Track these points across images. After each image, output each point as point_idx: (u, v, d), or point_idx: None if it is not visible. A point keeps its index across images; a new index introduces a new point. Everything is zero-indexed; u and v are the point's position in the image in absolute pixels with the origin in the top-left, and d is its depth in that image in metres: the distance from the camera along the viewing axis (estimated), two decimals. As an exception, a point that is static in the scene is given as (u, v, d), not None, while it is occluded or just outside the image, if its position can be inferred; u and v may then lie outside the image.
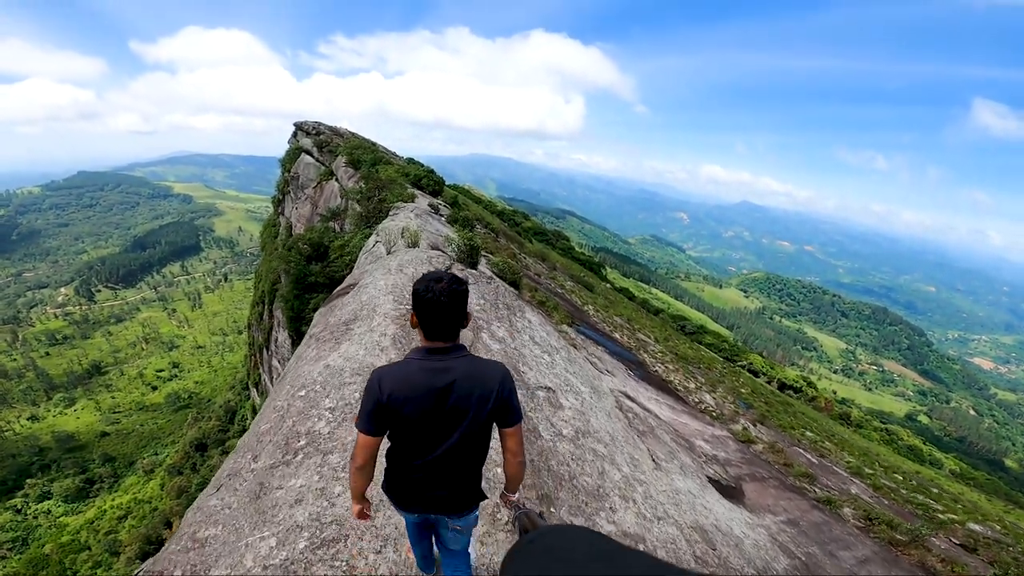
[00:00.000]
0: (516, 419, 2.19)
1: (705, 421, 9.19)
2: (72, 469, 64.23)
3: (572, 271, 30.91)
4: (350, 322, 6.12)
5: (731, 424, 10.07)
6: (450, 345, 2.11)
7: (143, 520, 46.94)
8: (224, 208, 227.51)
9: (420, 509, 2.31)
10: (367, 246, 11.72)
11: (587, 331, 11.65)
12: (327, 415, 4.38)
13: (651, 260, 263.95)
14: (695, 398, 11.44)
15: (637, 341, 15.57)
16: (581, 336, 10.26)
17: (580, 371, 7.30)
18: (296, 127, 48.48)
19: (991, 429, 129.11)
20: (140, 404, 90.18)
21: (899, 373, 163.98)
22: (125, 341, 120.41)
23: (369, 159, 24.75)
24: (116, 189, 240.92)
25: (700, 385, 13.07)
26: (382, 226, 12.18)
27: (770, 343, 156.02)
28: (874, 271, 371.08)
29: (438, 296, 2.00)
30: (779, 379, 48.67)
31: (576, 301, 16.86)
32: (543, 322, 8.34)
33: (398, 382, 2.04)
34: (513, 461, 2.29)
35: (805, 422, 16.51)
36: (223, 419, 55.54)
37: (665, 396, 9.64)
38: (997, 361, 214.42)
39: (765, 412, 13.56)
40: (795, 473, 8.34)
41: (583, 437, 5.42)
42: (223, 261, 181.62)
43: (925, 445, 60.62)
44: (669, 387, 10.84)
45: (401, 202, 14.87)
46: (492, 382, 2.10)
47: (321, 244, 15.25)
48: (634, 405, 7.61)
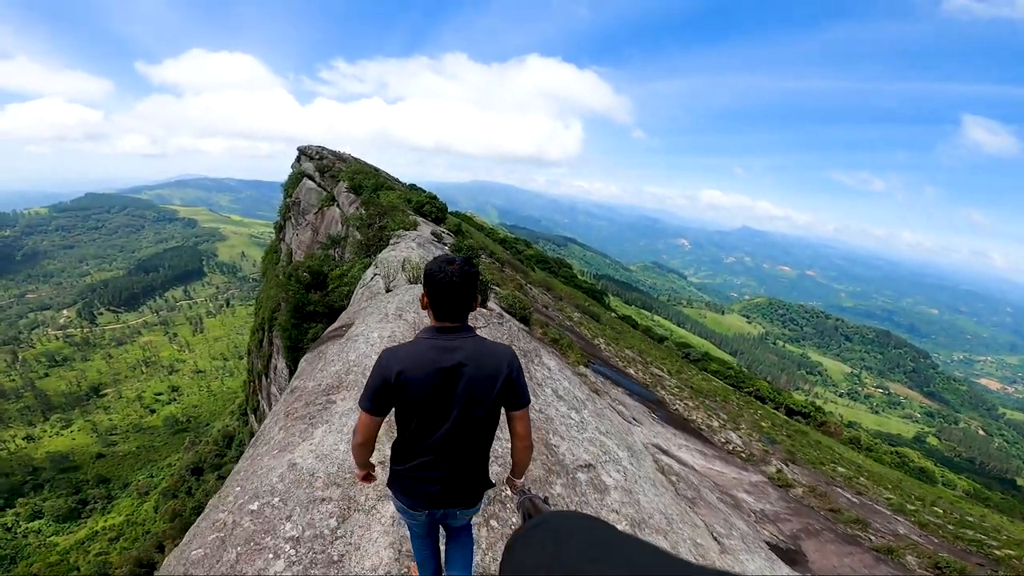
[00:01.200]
0: (524, 401, 2.19)
1: (738, 465, 8.71)
2: (65, 489, 64.12)
3: (577, 300, 30.61)
4: (332, 390, 4.98)
5: (763, 465, 9.59)
6: (459, 325, 2.12)
7: (135, 543, 46.57)
8: (228, 233, 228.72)
9: (436, 503, 2.25)
10: (364, 279, 11.21)
11: (603, 369, 11.25)
12: (288, 550, 3.02)
13: (653, 287, 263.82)
14: (720, 437, 10.98)
15: (652, 376, 15.15)
16: (600, 377, 9.82)
17: (612, 427, 6.72)
18: (300, 151, 48.87)
19: (1001, 449, 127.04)
20: (137, 427, 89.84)
21: (905, 395, 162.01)
22: (125, 364, 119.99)
23: (371, 184, 24.66)
24: (123, 212, 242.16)
25: (723, 423, 12.61)
26: (381, 257, 11.76)
27: (774, 368, 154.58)
28: (876, 294, 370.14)
29: (450, 277, 2.01)
30: (787, 405, 47.85)
31: (586, 334, 16.51)
32: (562, 366, 7.86)
33: (407, 361, 2.03)
34: (520, 446, 2.29)
35: (833, 456, 15.94)
36: (220, 444, 54.96)
37: (693, 439, 9.18)
38: (1004, 381, 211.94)
39: (790, 447, 13.04)
40: (844, 520, 7.81)
41: (639, 528, 4.64)
42: (225, 286, 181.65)
43: (937, 467, 59.29)
44: (693, 427, 10.39)
45: (403, 230, 14.61)
46: (500, 362, 2.11)
47: (321, 272, 14.98)
48: (671, 461, 7.07)
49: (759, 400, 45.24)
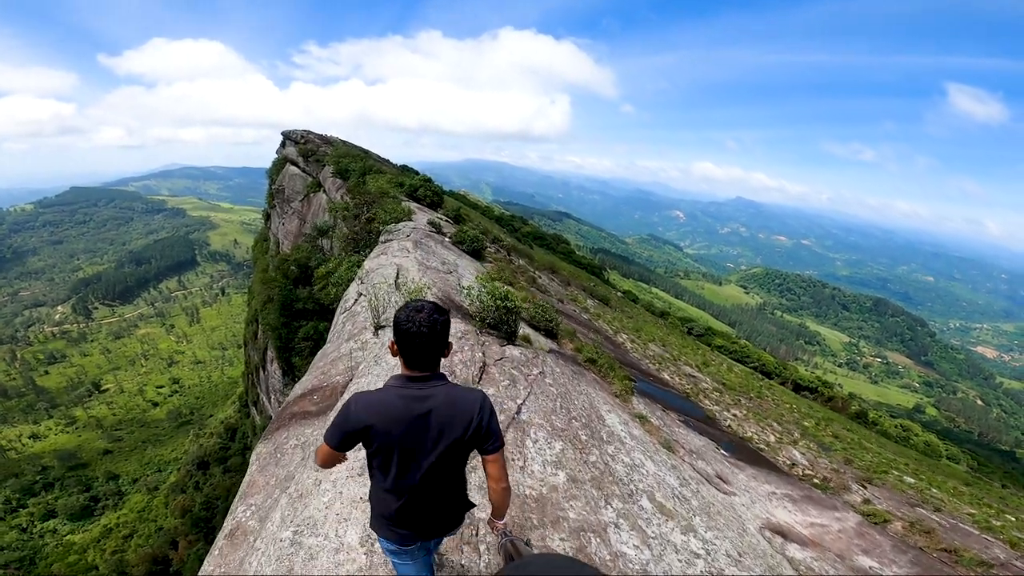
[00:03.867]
0: (497, 445, 2.20)
1: (827, 505, 7.60)
2: (76, 487, 64.91)
3: (581, 280, 29.47)
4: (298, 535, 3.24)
5: (844, 493, 8.54)
6: (429, 374, 2.12)
7: (148, 539, 47.15)
8: (218, 221, 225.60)
9: (414, 536, 2.29)
10: (347, 299, 9.17)
11: (648, 388, 10.06)
12: None
13: (650, 259, 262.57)
14: (784, 458, 9.90)
15: (686, 377, 14.05)
16: (653, 407, 8.50)
17: (724, 530, 4.79)
18: (284, 136, 46.91)
19: (999, 419, 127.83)
20: (142, 421, 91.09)
21: (904, 365, 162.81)
22: (124, 358, 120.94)
23: (358, 168, 22.84)
24: (109, 204, 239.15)
25: (779, 437, 11.50)
26: (369, 267, 9.75)
27: (773, 339, 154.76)
28: (871, 263, 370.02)
29: (419, 327, 2.01)
30: (793, 380, 47.28)
31: (606, 329, 15.33)
32: (627, 422, 6.27)
33: (375, 410, 2.05)
34: (497, 488, 2.28)
35: (889, 459, 14.86)
36: (224, 436, 55.11)
37: (774, 478, 7.95)
38: (1000, 349, 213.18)
39: (846, 454, 11.96)
40: (967, 561, 6.68)
41: None
42: (220, 275, 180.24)
43: (941, 441, 59.17)
44: (762, 454, 9.26)
45: (394, 222, 12.96)
46: (471, 408, 2.12)
47: (308, 266, 13.77)
48: (793, 551, 5.61)
49: (765, 375, 44.60)
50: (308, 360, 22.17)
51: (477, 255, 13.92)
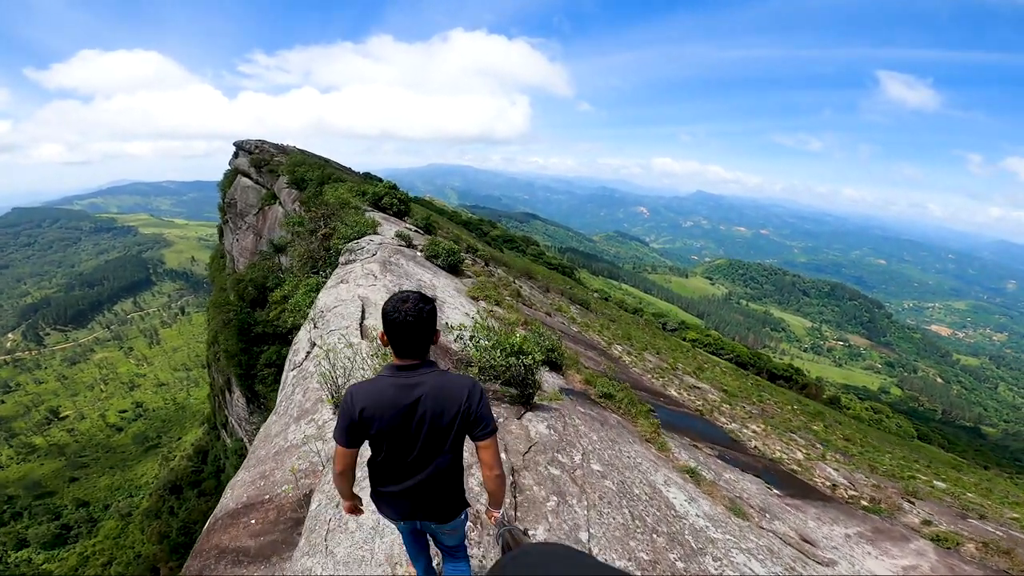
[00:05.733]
0: (488, 431, 2.21)
1: (897, 536, 6.82)
2: (45, 516, 63.96)
3: (557, 283, 28.69)
4: None
5: (900, 515, 7.82)
6: (419, 362, 2.18)
7: (128, 567, 46.59)
8: (173, 238, 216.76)
9: (407, 516, 2.38)
10: (295, 351, 7.21)
11: (667, 415, 9.08)
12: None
13: (617, 256, 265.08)
14: (820, 478, 9.12)
15: (690, 389, 13.24)
16: (696, 453, 7.42)
17: None
18: (237, 147, 44.53)
19: (960, 395, 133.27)
20: (106, 447, 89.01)
21: (865, 346, 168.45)
22: (82, 384, 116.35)
23: (316, 177, 21.16)
24: (55, 225, 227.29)
25: (806, 453, 10.77)
26: (323, 303, 7.79)
27: (740, 328, 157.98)
28: (827, 249, 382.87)
29: (405, 316, 2.06)
30: (768, 369, 47.81)
31: (598, 341, 14.39)
32: (712, 511, 5.11)
33: (369, 398, 2.12)
34: (490, 475, 2.29)
35: (903, 458, 14.37)
36: (195, 459, 53.71)
37: (821, 506, 7.12)
38: (954, 327, 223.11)
39: (867, 458, 11.38)
40: None
41: None
42: (178, 293, 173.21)
43: (911, 421, 60.92)
44: (783, 468, 8.49)
45: (357, 237, 11.47)
46: (460, 394, 2.15)
47: (266, 286, 12.42)
48: None
49: (740, 366, 44.91)
50: (273, 389, 20.37)
51: (455, 270, 12.76)
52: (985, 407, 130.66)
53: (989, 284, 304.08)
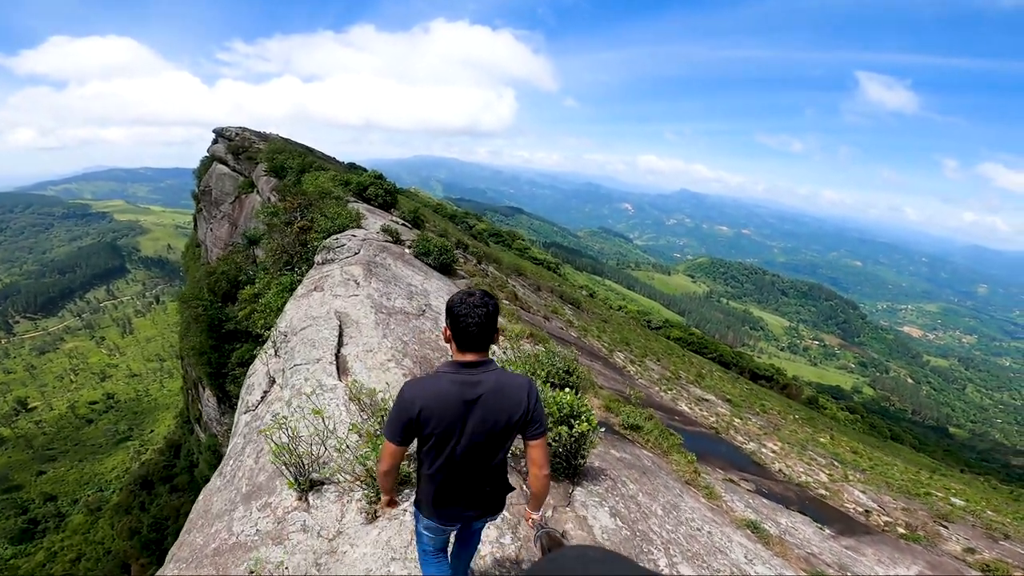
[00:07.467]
0: (541, 430, 2.24)
1: (951, 570, 6.50)
2: (11, 510, 62.59)
3: (545, 280, 28.24)
4: None
5: (941, 543, 7.53)
6: (480, 359, 2.16)
7: (98, 563, 45.18)
8: (149, 225, 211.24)
9: (457, 518, 2.34)
10: (250, 386, 5.49)
11: (691, 441, 8.57)
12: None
13: (601, 252, 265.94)
14: (850, 503, 8.77)
15: (699, 402, 12.84)
16: (740, 492, 6.87)
17: None
18: (216, 133, 43.06)
19: (929, 396, 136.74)
20: (75, 439, 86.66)
21: (839, 346, 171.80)
22: (51, 374, 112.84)
23: (296, 165, 20.21)
24: (27, 210, 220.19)
25: (831, 475, 10.42)
26: (290, 321, 6.14)
27: (720, 325, 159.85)
28: (805, 249, 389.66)
29: (473, 309, 2.07)
30: (751, 369, 48.16)
31: (598, 348, 13.91)
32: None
33: (429, 396, 2.10)
34: (539, 474, 2.29)
35: (911, 472, 14.21)
36: (167, 454, 52.28)
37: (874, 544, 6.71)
38: (925, 329, 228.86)
39: (879, 473, 11.11)
40: None
41: None
42: (153, 282, 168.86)
43: (884, 421, 62.14)
44: (811, 493, 8.10)
45: (338, 231, 10.47)
46: (519, 395, 2.16)
47: (239, 280, 11.63)
48: None
49: (723, 366, 45.12)
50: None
51: (447, 270, 11.87)
52: (953, 408, 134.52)
53: (960, 287, 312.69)
